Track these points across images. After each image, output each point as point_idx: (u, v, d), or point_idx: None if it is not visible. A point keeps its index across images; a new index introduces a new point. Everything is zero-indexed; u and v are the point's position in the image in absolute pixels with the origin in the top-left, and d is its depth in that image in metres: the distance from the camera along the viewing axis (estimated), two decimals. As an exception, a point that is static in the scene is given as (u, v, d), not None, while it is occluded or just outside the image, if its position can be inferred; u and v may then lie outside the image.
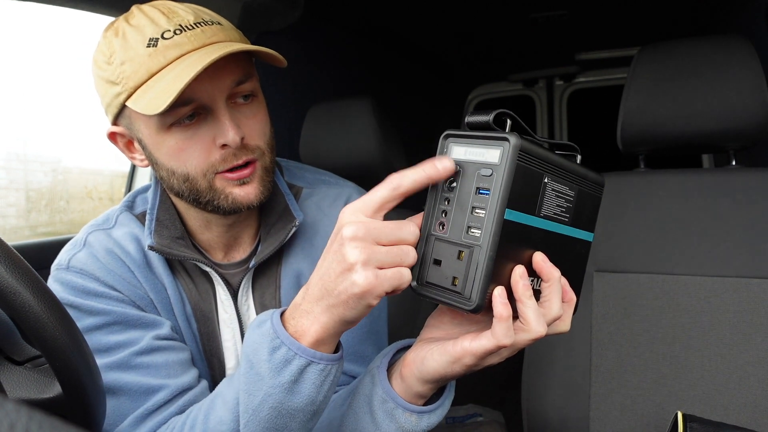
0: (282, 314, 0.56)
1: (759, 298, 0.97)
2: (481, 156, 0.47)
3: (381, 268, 0.48)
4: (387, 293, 0.49)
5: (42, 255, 1.14)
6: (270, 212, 0.84)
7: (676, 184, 1.09)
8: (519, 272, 0.49)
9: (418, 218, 0.52)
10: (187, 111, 0.68)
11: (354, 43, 2.18)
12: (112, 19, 0.75)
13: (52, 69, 1.56)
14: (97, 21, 1.26)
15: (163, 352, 0.75)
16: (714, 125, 1.03)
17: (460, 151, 0.49)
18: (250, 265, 0.80)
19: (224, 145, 0.70)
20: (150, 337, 0.75)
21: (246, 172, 0.73)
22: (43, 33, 1.48)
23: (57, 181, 1.68)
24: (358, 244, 0.48)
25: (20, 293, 0.50)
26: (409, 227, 0.50)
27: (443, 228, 0.49)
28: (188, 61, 0.66)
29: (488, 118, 0.47)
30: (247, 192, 0.74)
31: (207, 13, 0.73)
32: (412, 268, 0.51)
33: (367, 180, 1.50)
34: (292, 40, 1.81)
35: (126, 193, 1.55)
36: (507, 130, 0.48)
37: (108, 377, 0.71)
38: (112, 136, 0.78)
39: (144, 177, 1.60)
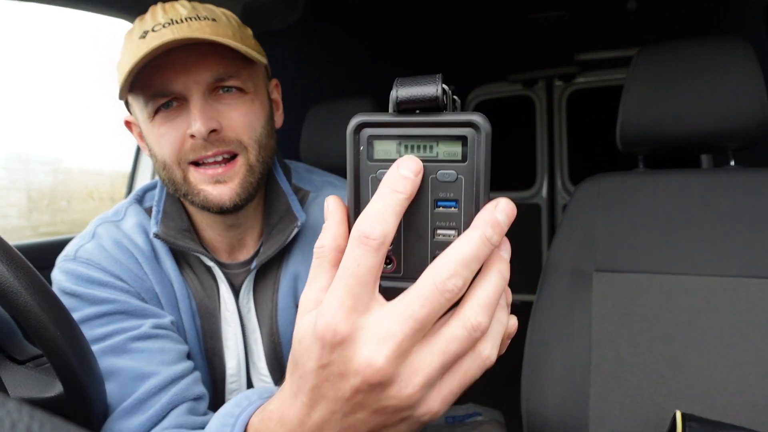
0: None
1: (758, 298, 0.97)
2: (429, 152, 0.32)
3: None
4: None
5: (43, 255, 1.15)
6: (272, 212, 0.83)
7: (675, 184, 1.09)
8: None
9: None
10: (163, 100, 0.71)
11: (354, 43, 2.18)
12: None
13: (53, 69, 1.56)
14: (97, 21, 1.27)
15: (159, 339, 0.73)
16: (713, 125, 1.03)
17: (389, 150, 0.33)
18: (252, 266, 0.80)
19: (193, 135, 0.71)
20: (149, 325, 0.73)
21: (220, 170, 0.72)
22: (44, 33, 1.48)
23: (58, 181, 1.69)
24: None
25: (21, 293, 0.50)
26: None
27: (392, 266, 0.34)
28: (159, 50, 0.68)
29: (435, 90, 0.31)
30: (221, 192, 0.73)
31: (207, 10, 0.75)
32: None
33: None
34: (292, 40, 1.81)
35: (127, 194, 1.56)
36: (457, 108, 0.34)
37: (102, 363, 0.69)
38: (128, 125, 0.81)
39: (145, 177, 1.61)
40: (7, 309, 0.51)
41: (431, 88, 0.31)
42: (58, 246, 1.13)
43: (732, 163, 1.09)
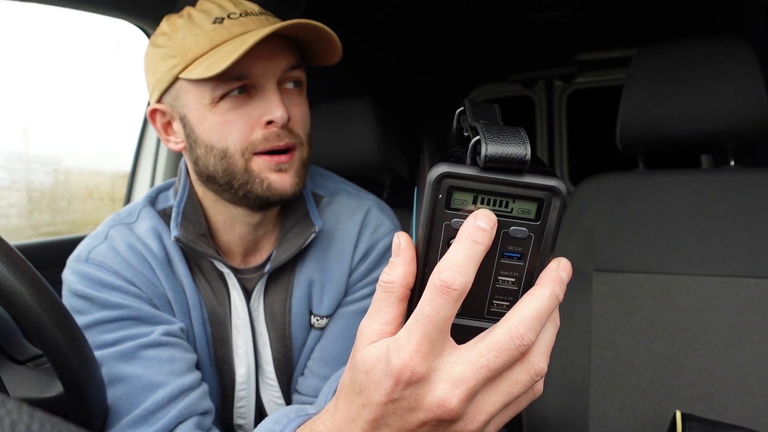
0: None
1: (757, 298, 0.97)
2: (504, 208, 0.33)
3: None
4: None
5: (44, 255, 1.15)
6: (289, 216, 0.82)
7: (674, 184, 1.09)
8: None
9: None
10: (238, 84, 0.70)
11: (354, 44, 2.18)
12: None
13: (54, 69, 1.56)
14: (99, 21, 1.27)
15: (169, 347, 0.73)
16: (712, 125, 1.03)
17: (465, 200, 0.33)
18: (266, 270, 0.79)
19: (269, 123, 0.71)
20: (159, 332, 0.73)
21: (284, 158, 0.73)
22: (45, 33, 1.49)
23: (58, 181, 1.69)
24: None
25: (22, 293, 0.50)
26: None
27: None
28: (250, 35, 0.68)
29: (525, 153, 0.31)
30: (284, 179, 0.73)
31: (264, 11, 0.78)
32: None
33: (367, 180, 1.51)
34: (293, 40, 1.81)
35: (127, 194, 1.56)
36: (545, 171, 0.33)
37: (111, 368, 0.69)
38: (153, 114, 0.78)
39: (145, 177, 1.61)
40: (8, 309, 0.51)
41: (521, 150, 0.31)
42: (58, 246, 1.13)
43: (732, 163, 1.09)
